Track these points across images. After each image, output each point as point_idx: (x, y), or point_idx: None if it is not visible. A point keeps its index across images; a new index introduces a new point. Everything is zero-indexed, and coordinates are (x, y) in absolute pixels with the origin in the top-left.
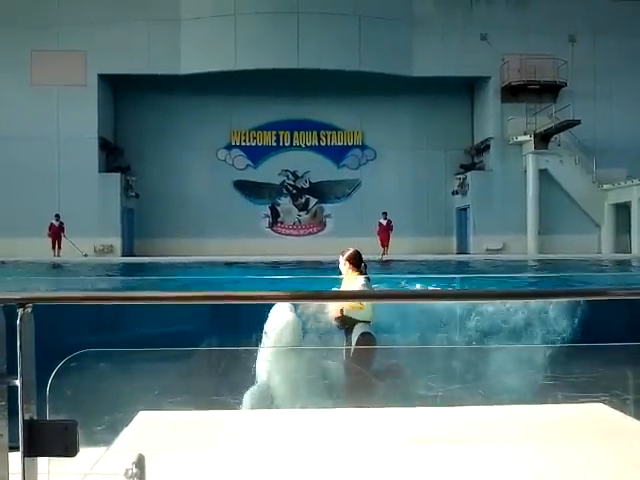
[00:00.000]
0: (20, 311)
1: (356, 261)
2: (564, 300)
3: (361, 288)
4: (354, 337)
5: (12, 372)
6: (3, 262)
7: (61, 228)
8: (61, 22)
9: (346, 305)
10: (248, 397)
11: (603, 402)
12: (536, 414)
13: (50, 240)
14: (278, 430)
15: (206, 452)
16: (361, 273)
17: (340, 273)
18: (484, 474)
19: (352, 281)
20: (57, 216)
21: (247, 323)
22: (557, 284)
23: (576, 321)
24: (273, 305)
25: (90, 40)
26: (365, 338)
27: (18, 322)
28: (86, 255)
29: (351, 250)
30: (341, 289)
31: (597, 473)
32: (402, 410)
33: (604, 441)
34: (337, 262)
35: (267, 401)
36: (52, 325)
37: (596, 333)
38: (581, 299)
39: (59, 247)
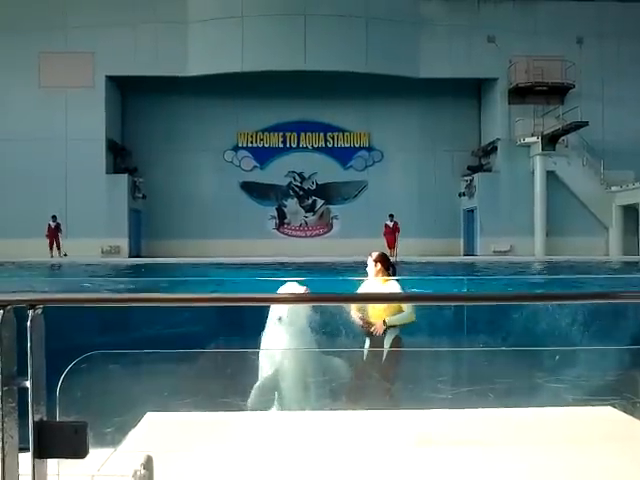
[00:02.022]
0: (30, 312)
1: (386, 263)
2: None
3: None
4: (387, 341)
5: (22, 373)
6: (13, 263)
7: (57, 229)
8: (69, 24)
9: (384, 308)
10: (255, 391)
11: (613, 405)
12: (546, 417)
13: (48, 241)
14: (286, 432)
15: (214, 453)
16: (389, 275)
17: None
18: (493, 476)
19: (381, 283)
20: (54, 217)
21: (254, 325)
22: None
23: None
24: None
25: (98, 42)
26: (399, 344)
27: (28, 324)
28: (65, 255)
29: (379, 252)
30: (364, 291)
31: (606, 476)
32: (412, 412)
33: (613, 444)
34: (365, 264)
35: (273, 392)
36: (62, 327)
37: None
38: (595, 301)
39: (58, 248)
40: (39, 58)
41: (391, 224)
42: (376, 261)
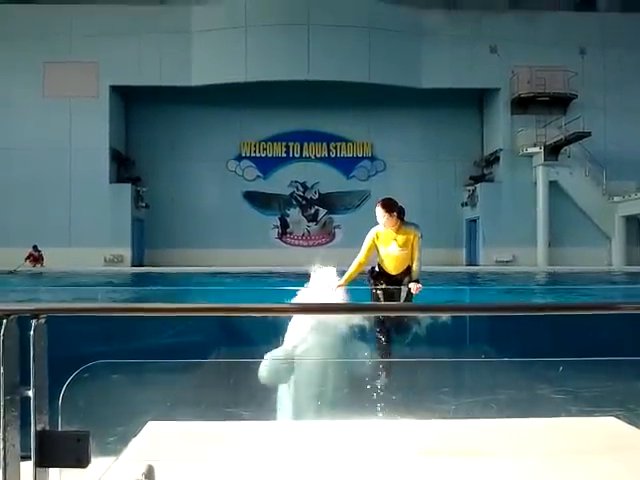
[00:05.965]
0: (34, 322)
1: (400, 210)
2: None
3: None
4: (404, 290)
5: (25, 383)
6: (15, 271)
7: (41, 257)
8: (73, 34)
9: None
10: (269, 359)
11: (615, 416)
12: (548, 427)
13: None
14: (288, 441)
15: (215, 463)
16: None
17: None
18: None
19: (399, 232)
20: (35, 247)
21: (257, 335)
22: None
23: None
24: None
25: (102, 51)
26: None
27: (31, 333)
28: (14, 271)
29: (387, 198)
30: (380, 241)
31: None
32: (414, 422)
33: (615, 455)
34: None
35: (287, 371)
36: (65, 336)
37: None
38: (597, 313)
39: (41, 266)
40: (43, 67)
41: None
42: (390, 211)
